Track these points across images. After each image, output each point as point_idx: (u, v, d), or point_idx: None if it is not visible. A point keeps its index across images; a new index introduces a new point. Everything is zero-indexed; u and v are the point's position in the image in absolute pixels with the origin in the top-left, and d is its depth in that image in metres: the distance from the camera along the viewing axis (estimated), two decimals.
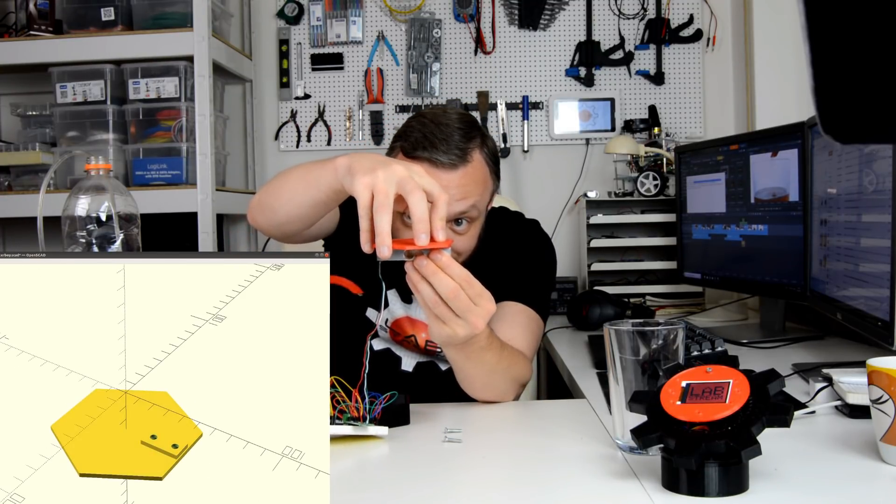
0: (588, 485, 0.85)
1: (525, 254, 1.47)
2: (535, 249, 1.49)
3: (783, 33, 2.44)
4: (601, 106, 2.74)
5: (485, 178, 1.35)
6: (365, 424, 1.00)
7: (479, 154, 1.33)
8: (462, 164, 1.30)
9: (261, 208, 1.24)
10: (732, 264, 1.95)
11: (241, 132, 2.82)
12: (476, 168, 1.32)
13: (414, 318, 1.47)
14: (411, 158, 1.30)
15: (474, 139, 1.33)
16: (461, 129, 1.32)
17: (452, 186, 1.28)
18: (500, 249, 1.47)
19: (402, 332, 1.45)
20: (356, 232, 1.00)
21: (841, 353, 1.60)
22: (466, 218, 1.33)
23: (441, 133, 1.30)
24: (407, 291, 1.40)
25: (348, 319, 1.46)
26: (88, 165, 1.03)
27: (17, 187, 2.45)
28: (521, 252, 1.47)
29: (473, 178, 1.32)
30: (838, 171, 1.46)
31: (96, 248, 1.01)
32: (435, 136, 1.30)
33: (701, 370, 0.84)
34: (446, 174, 1.29)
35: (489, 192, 1.38)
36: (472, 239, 1.37)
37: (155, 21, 2.37)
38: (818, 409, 1.09)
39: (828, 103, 0.48)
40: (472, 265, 1.43)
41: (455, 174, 1.29)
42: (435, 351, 1.45)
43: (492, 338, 1.17)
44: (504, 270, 1.43)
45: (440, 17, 2.76)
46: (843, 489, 0.82)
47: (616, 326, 0.94)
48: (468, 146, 1.31)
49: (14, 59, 2.42)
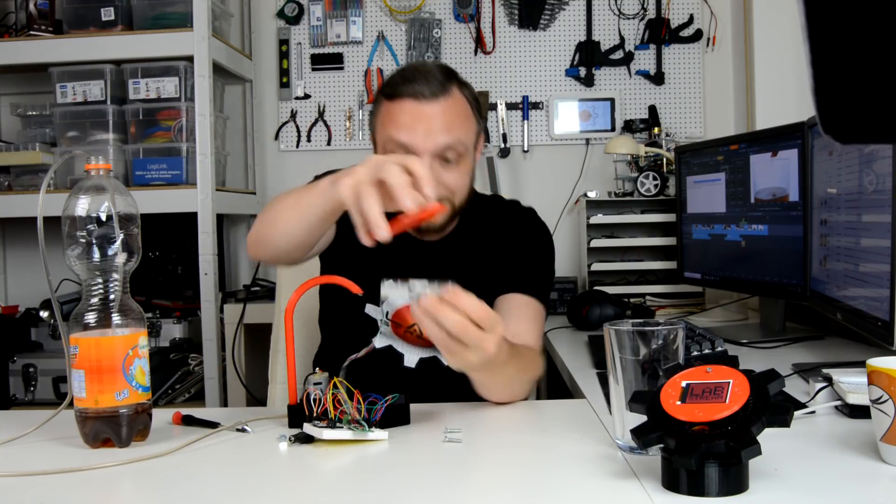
0: (588, 485, 0.85)
1: (525, 242, 1.49)
2: (534, 237, 1.51)
3: (783, 33, 2.44)
4: (601, 106, 2.74)
5: (467, 114, 1.38)
6: (365, 430, 1.00)
7: (458, 91, 1.37)
8: (443, 96, 1.33)
9: (260, 244, 1.27)
10: (732, 264, 1.95)
11: (241, 132, 2.82)
12: (457, 101, 1.36)
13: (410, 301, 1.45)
14: (393, 99, 1.34)
15: (453, 78, 1.37)
16: (440, 69, 1.38)
17: (436, 117, 1.32)
18: (498, 235, 1.48)
19: (403, 323, 1.44)
20: (349, 231, 1.00)
21: (841, 353, 1.60)
22: (454, 153, 1.35)
23: (420, 71, 1.36)
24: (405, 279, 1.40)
25: (349, 319, 1.47)
26: (88, 165, 1.03)
27: (17, 187, 2.45)
28: (521, 240, 1.49)
29: (456, 111, 1.35)
30: (838, 171, 1.46)
31: (96, 249, 1.01)
32: (414, 74, 1.35)
33: (701, 370, 0.84)
34: (429, 105, 1.32)
35: (474, 132, 1.40)
36: (464, 176, 1.39)
37: (155, 21, 2.37)
38: (818, 409, 1.09)
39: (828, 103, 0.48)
40: (472, 252, 1.44)
41: (437, 104, 1.32)
42: None
43: (510, 350, 1.17)
44: (504, 258, 1.44)
45: (440, 17, 2.76)
46: (843, 489, 0.81)
47: (616, 326, 0.94)
48: (448, 81, 1.35)
49: (14, 59, 2.42)
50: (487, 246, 1.46)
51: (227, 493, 0.88)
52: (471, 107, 1.40)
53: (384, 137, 1.36)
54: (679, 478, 0.79)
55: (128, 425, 1.02)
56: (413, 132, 1.32)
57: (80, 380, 1.01)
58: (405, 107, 1.33)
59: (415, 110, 1.32)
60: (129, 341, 1.02)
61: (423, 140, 1.32)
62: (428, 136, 1.32)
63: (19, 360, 2.38)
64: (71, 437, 1.05)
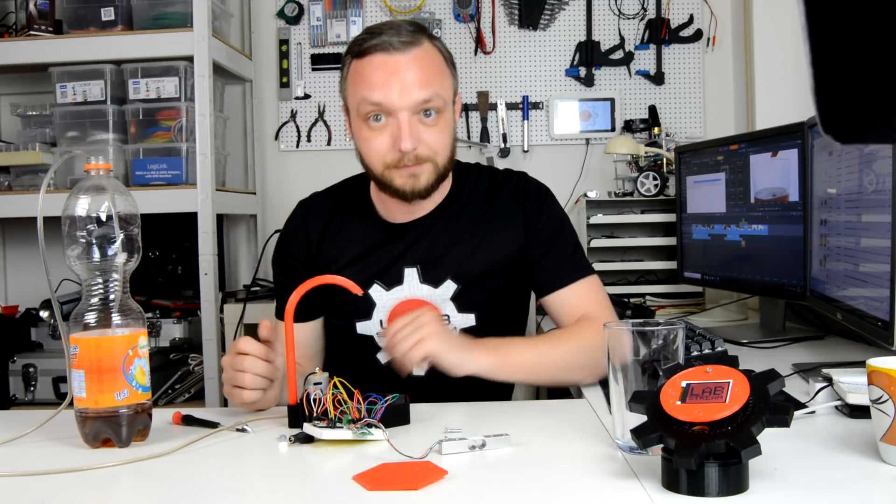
0: (588, 485, 0.85)
1: (541, 226, 1.41)
2: (548, 216, 1.43)
3: (783, 33, 2.44)
4: (601, 106, 2.74)
5: (441, 66, 1.33)
6: (365, 431, 1.00)
7: (429, 43, 1.32)
8: (415, 47, 1.28)
9: None
10: (732, 264, 1.95)
11: (241, 132, 2.82)
12: (429, 52, 1.31)
13: (404, 298, 1.39)
14: (362, 57, 1.29)
15: (423, 31, 1.33)
16: (408, 22, 1.34)
17: (409, 69, 1.27)
18: (497, 205, 1.43)
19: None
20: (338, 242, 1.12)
21: (841, 353, 1.60)
22: (433, 109, 1.30)
23: (388, 24, 1.33)
24: (390, 281, 1.39)
25: (342, 340, 1.44)
26: (88, 165, 1.03)
27: (17, 187, 2.45)
28: (536, 220, 1.41)
29: (428, 62, 1.30)
30: (838, 171, 1.46)
31: (96, 249, 1.01)
32: (382, 28, 1.31)
33: (701, 370, 0.84)
34: (401, 56, 1.27)
35: (450, 85, 1.35)
36: (444, 133, 1.33)
37: (155, 21, 2.37)
38: (818, 409, 1.09)
39: (828, 103, 0.48)
40: (466, 221, 1.42)
41: (409, 55, 1.27)
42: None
43: (504, 346, 1.23)
44: (514, 227, 1.40)
45: (440, 17, 2.75)
46: (843, 489, 0.81)
47: (616, 326, 0.94)
48: (418, 33, 1.31)
49: (14, 59, 2.42)
50: (484, 214, 1.41)
51: (228, 493, 0.88)
52: (445, 59, 1.35)
53: (357, 100, 1.30)
54: (679, 478, 0.79)
55: (128, 425, 1.02)
56: (387, 88, 1.26)
57: (80, 380, 1.01)
58: (375, 61, 1.27)
59: (386, 64, 1.27)
60: (129, 341, 1.02)
61: (400, 97, 1.26)
62: (404, 92, 1.26)
63: (19, 360, 2.38)
64: (71, 437, 1.05)
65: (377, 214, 1.44)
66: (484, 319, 1.39)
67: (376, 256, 1.40)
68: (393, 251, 1.40)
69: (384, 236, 1.42)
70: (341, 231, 1.44)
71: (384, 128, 1.29)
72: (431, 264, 1.39)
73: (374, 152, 1.31)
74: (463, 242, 1.40)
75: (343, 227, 1.45)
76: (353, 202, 1.47)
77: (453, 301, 1.38)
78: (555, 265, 1.40)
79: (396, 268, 1.39)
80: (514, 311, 1.48)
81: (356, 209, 1.46)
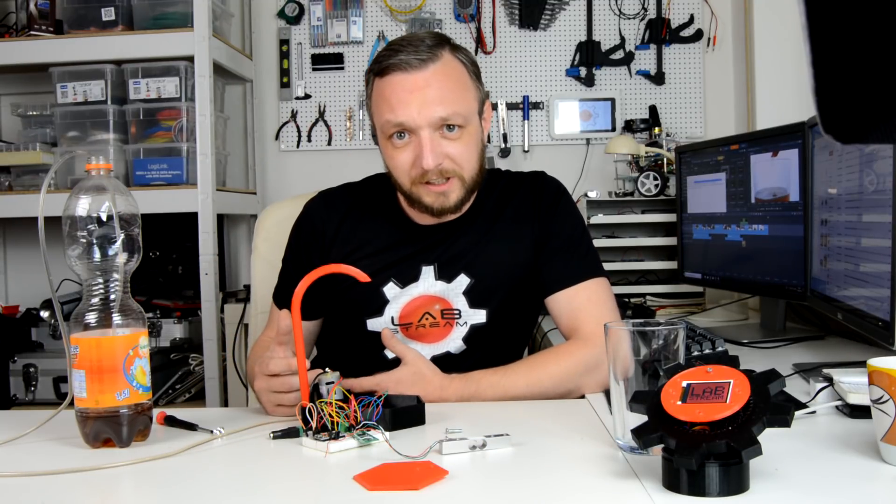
0: (589, 485, 0.85)
1: (553, 223, 1.41)
2: (562, 214, 1.42)
3: (783, 33, 2.44)
4: (601, 106, 2.74)
5: (462, 80, 1.32)
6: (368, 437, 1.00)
7: (450, 55, 1.31)
8: (433, 62, 1.28)
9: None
10: (733, 264, 1.95)
11: (242, 132, 2.82)
12: (448, 66, 1.30)
13: (418, 295, 1.38)
14: (382, 75, 1.29)
15: (444, 43, 1.32)
16: (430, 35, 1.33)
17: (428, 87, 1.27)
18: (515, 206, 1.43)
19: (413, 320, 1.39)
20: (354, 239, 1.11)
21: (841, 353, 1.60)
22: (455, 124, 1.29)
23: (408, 39, 1.31)
24: (406, 278, 1.39)
25: (350, 337, 1.43)
26: (89, 165, 1.03)
27: (18, 187, 2.45)
28: (549, 217, 1.41)
29: (447, 78, 1.29)
30: (839, 171, 1.46)
31: (97, 249, 1.01)
32: (401, 44, 1.30)
33: (701, 370, 0.84)
34: (417, 74, 1.27)
35: (475, 98, 1.34)
36: (469, 146, 1.32)
37: (155, 21, 2.37)
38: (819, 409, 1.09)
39: (828, 103, 0.48)
40: (487, 228, 1.41)
41: (425, 72, 1.27)
42: (452, 321, 1.39)
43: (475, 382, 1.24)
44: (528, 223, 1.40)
45: (440, 17, 2.76)
46: (843, 489, 0.81)
47: (616, 326, 0.94)
48: (437, 46, 1.30)
49: (14, 59, 2.42)
50: (501, 210, 1.41)
51: (228, 493, 0.88)
52: (468, 71, 1.33)
53: (381, 121, 1.32)
54: (679, 478, 0.79)
55: (128, 425, 1.02)
56: (406, 108, 1.27)
57: (80, 380, 1.01)
58: (394, 81, 1.28)
59: (404, 83, 1.27)
60: (129, 341, 1.02)
61: (419, 114, 1.27)
62: (423, 110, 1.27)
63: (20, 360, 2.38)
64: (71, 437, 1.05)
65: (403, 215, 1.43)
66: (495, 316, 1.38)
67: (394, 254, 1.40)
68: (412, 249, 1.40)
69: (404, 236, 1.41)
70: (359, 227, 1.44)
71: (407, 145, 1.31)
72: (448, 262, 1.39)
73: (399, 169, 1.33)
74: (479, 237, 1.40)
75: (361, 223, 1.44)
76: (375, 200, 1.46)
77: (465, 295, 1.37)
78: (560, 265, 1.38)
79: (414, 266, 1.39)
80: (526, 310, 1.46)
81: (378, 207, 1.45)
